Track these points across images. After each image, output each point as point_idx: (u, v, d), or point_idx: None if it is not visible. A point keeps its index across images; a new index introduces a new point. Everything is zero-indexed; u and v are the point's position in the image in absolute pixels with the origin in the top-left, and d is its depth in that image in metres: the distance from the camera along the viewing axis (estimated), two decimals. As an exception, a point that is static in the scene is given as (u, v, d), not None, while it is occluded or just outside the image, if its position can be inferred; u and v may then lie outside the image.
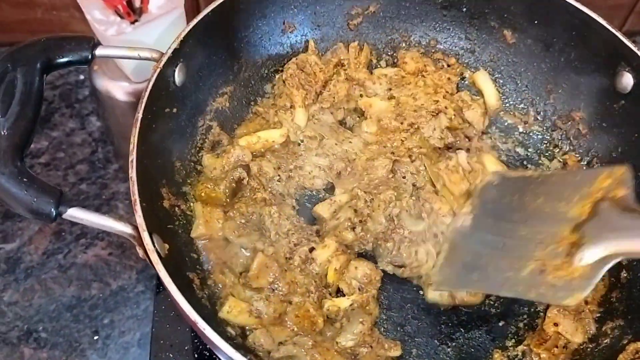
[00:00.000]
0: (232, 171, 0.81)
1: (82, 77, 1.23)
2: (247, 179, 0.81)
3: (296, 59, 0.92)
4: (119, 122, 1.04)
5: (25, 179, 0.62)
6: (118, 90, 0.94)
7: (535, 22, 0.90)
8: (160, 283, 0.64)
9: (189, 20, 0.87)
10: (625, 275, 0.78)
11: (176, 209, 0.79)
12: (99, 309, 1.00)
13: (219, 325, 0.70)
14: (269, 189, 0.82)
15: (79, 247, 1.05)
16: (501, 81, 0.97)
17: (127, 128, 1.03)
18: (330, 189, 0.87)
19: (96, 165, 1.15)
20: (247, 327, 0.74)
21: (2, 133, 0.63)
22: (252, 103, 0.93)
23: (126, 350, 0.96)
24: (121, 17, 0.86)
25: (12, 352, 0.95)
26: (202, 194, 0.81)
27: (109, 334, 0.98)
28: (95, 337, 0.97)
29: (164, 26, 0.87)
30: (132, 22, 0.87)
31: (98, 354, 0.96)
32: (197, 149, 0.86)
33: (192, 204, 0.81)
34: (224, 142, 0.86)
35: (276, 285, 0.75)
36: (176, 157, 0.82)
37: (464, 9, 0.94)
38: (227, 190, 0.80)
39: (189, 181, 0.83)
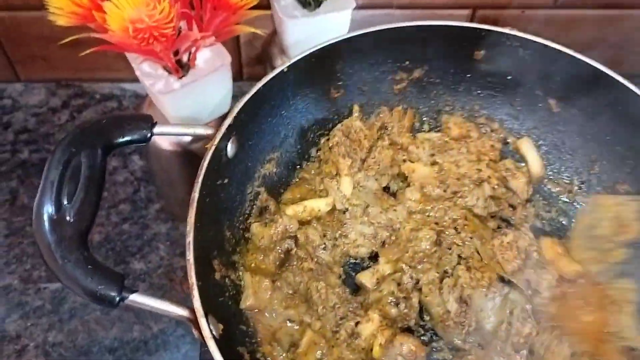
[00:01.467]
0: (280, 242, 0.83)
1: (124, 116, 1.25)
2: (295, 249, 0.83)
3: (341, 125, 0.94)
4: (162, 167, 1.07)
5: (90, 266, 0.64)
6: (163, 141, 0.96)
7: (580, 93, 0.90)
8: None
9: (234, 71, 0.89)
10: None
11: (226, 279, 0.81)
12: (140, 352, 1.03)
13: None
14: (316, 259, 0.84)
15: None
16: (545, 148, 0.97)
17: (170, 173, 1.06)
18: (374, 257, 0.88)
19: (138, 204, 1.18)
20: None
21: (68, 220, 0.65)
22: (298, 167, 0.95)
23: (166, 394, 0.99)
24: (169, 72, 0.88)
25: (56, 393, 0.98)
26: (252, 265, 0.82)
27: (150, 378, 1.00)
28: (137, 381, 1.00)
29: (212, 82, 0.88)
30: (180, 77, 0.89)
31: (139, 398, 0.99)
32: (246, 216, 0.88)
33: (241, 273, 0.82)
34: (271, 208, 0.88)
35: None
36: (226, 226, 0.84)
37: (509, 77, 0.95)
38: (276, 262, 0.82)
39: (238, 249, 0.85)
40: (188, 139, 0.94)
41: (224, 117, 0.91)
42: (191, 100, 0.88)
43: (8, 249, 1.12)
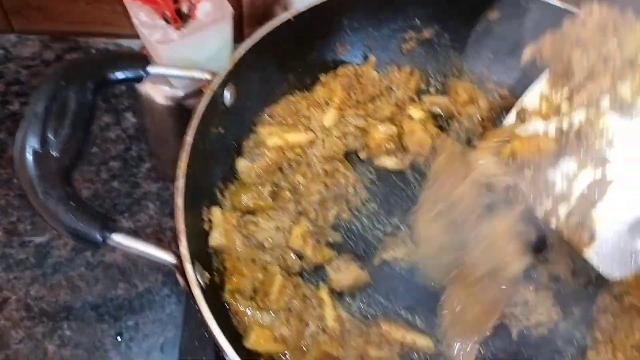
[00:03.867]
0: (271, 174, 0.81)
1: (120, 71, 1.22)
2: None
3: (358, 66, 0.91)
4: (156, 123, 1.04)
5: (73, 203, 0.61)
6: (158, 93, 0.93)
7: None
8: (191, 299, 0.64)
9: (236, 33, 0.86)
10: None
11: (217, 231, 0.78)
12: (123, 310, 1.00)
13: (251, 356, 0.70)
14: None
15: (108, 246, 1.05)
16: (553, 116, 0.94)
17: (164, 130, 1.03)
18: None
19: (129, 162, 1.14)
20: (275, 357, 0.73)
21: (53, 155, 0.62)
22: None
23: (148, 354, 0.97)
24: (167, 22, 0.84)
25: (35, 348, 0.96)
26: (251, 204, 0.79)
27: (132, 337, 0.98)
28: (119, 339, 0.97)
29: (211, 35, 0.85)
30: (178, 28, 0.86)
31: (121, 356, 0.96)
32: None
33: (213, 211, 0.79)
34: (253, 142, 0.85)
35: (293, 305, 0.75)
36: (220, 178, 0.81)
37: (523, 41, 0.91)
38: (271, 195, 0.80)
39: (226, 194, 0.82)
40: (182, 93, 0.91)
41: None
42: (189, 52, 0.85)
43: (-7, 200, 1.09)
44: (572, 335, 0.80)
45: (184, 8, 0.84)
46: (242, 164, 0.81)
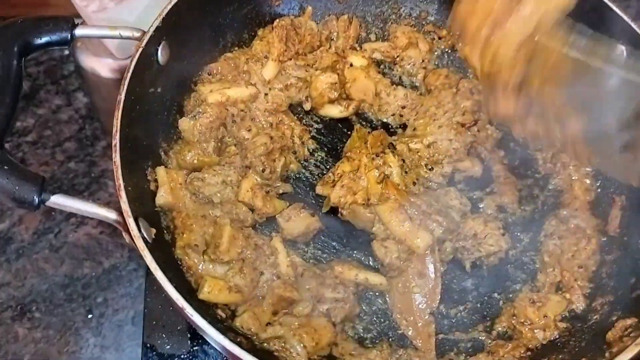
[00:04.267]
0: (214, 130, 0.80)
1: (66, 52, 1.20)
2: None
3: (294, 17, 0.91)
4: (104, 99, 1.03)
5: (5, 167, 0.61)
6: (103, 67, 0.93)
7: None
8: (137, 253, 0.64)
9: None
10: (615, 252, 0.78)
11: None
12: (92, 288, 1.00)
13: (208, 308, 0.70)
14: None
15: (70, 226, 1.05)
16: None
17: (114, 105, 1.02)
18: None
19: (84, 142, 1.14)
20: (233, 306, 0.74)
21: (-19, 120, 0.61)
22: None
23: (120, 328, 0.97)
24: (102, -10, 0.84)
25: (6, 333, 0.96)
26: (195, 161, 0.79)
27: (103, 313, 0.98)
28: (89, 316, 0.98)
29: (147, 2, 0.84)
30: (114, -4, 0.85)
31: (92, 333, 0.96)
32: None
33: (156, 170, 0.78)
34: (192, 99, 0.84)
35: (246, 255, 0.75)
36: (162, 137, 0.80)
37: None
38: (215, 151, 0.80)
39: (171, 153, 0.81)
40: (127, 63, 0.90)
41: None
42: (125, 18, 0.84)
43: (-51, 191, 1.08)
44: (522, 261, 0.82)
45: (118, -24, 0.83)
46: (184, 123, 0.81)
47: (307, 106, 0.90)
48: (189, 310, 0.60)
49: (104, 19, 0.83)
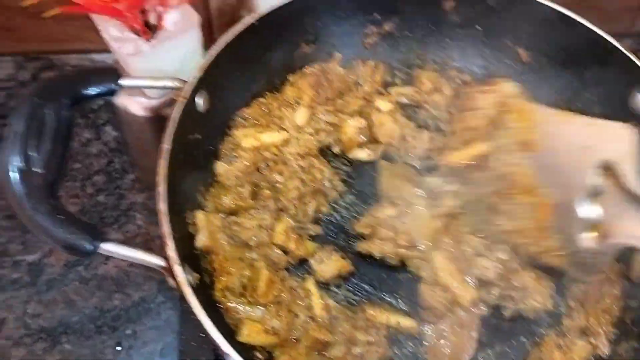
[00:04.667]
0: (250, 175, 0.84)
1: (96, 87, 1.24)
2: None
3: (325, 63, 0.94)
4: (135, 135, 1.06)
5: (60, 216, 0.64)
6: (135, 105, 0.95)
7: (550, 42, 0.91)
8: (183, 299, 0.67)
9: (206, 39, 0.88)
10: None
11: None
12: (121, 320, 1.02)
13: (247, 351, 0.73)
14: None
15: (100, 259, 1.07)
16: (515, 98, 0.98)
17: (144, 141, 1.05)
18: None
19: (113, 175, 1.17)
20: (270, 348, 0.76)
21: (37, 171, 0.65)
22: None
23: (149, 360, 0.99)
24: (137, 34, 0.87)
25: (38, 365, 0.98)
26: (232, 205, 0.82)
27: (132, 345, 1.00)
28: (119, 348, 1.00)
29: (181, 44, 0.88)
30: (148, 39, 0.88)
31: (122, 365, 0.98)
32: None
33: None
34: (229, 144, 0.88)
35: (282, 298, 0.78)
36: (199, 181, 0.84)
37: (478, 27, 0.95)
38: (251, 195, 0.83)
39: (208, 196, 0.84)
40: (159, 102, 0.94)
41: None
42: (160, 63, 0.87)
43: (-19, 224, 1.10)
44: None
45: (152, 19, 0.86)
46: (220, 167, 0.84)
47: (336, 149, 0.93)
48: (234, 356, 0.63)
49: (139, 61, 0.86)
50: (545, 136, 0.76)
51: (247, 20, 0.84)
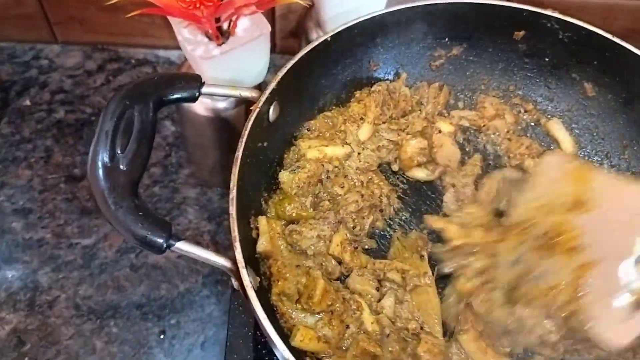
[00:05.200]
0: (312, 186, 0.86)
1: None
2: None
3: (390, 82, 0.96)
4: (195, 133, 1.09)
5: (140, 213, 0.67)
6: (200, 105, 0.99)
7: (617, 79, 0.92)
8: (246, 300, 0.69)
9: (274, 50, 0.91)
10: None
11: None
12: (166, 309, 1.06)
13: (298, 355, 0.75)
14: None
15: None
16: (577, 131, 0.98)
17: (203, 139, 1.09)
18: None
19: (169, 169, 1.21)
20: (319, 355, 0.79)
21: (122, 168, 0.68)
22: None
23: (190, 352, 1.03)
24: (209, 38, 0.90)
25: (84, 344, 1.02)
26: (294, 214, 0.84)
27: (175, 335, 1.04)
28: (162, 337, 1.03)
29: (250, 50, 0.90)
30: (219, 44, 0.91)
31: (164, 353, 1.02)
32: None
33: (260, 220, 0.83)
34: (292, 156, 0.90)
35: (335, 307, 0.79)
36: (264, 188, 0.86)
37: (547, 59, 0.96)
38: (312, 205, 0.85)
39: (270, 203, 0.87)
40: (222, 105, 0.97)
41: (261, 84, 0.94)
42: (229, 67, 0.90)
43: (42, 204, 1.15)
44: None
45: (225, 25, 0.89)
46: (284, 176, 0.86)
47: (395, 167, 0.95)
48: (290, 358, 0.66)
49: (209, 64, 0.89)
50: (599, 198, 0.77)
51: (322, 36, 0.86)
